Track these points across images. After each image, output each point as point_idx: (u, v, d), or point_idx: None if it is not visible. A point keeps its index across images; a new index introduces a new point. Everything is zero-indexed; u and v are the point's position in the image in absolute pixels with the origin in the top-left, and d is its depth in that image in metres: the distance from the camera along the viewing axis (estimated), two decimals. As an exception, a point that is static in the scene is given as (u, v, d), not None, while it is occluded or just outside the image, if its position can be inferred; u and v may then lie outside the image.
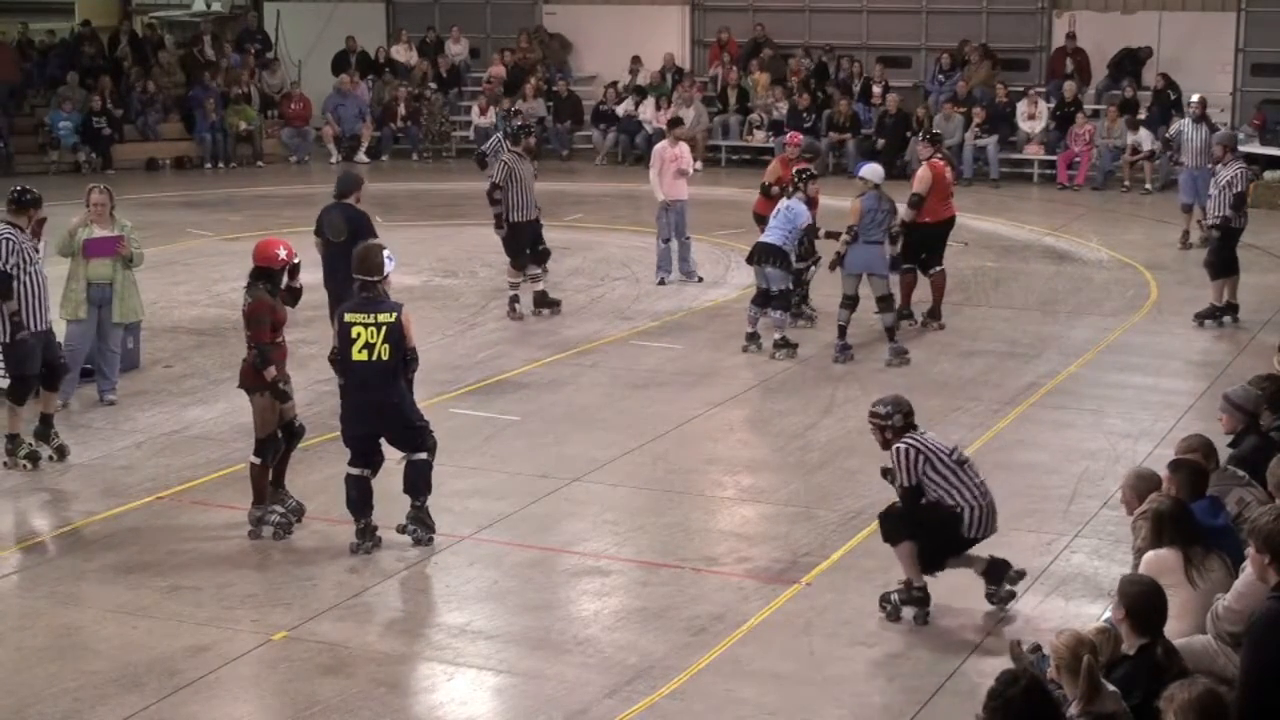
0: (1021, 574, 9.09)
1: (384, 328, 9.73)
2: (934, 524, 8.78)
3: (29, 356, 11.65)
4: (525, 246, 16.12)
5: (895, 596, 8.91)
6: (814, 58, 27.52)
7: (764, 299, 14.53)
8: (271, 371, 10.15)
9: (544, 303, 16.25)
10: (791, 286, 14.83)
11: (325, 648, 8.62)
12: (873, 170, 14.52)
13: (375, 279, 9.88)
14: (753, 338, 14.70)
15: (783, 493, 11.11)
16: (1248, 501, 8.02)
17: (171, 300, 17.03)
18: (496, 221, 16.00)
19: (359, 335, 9.75)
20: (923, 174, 15.38)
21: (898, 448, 8.79)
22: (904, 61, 27.79)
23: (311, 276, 11.43)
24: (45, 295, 11.63)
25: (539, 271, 16.29)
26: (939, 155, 15.58)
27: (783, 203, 14.63)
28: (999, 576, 8.96)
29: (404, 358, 9.79)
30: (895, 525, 8.87)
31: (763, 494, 11.18)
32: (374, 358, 9.72)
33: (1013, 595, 9.02)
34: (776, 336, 14.51)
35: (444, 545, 10.05)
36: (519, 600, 9.31)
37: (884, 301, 14.20)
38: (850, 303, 14.26)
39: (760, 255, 14.43)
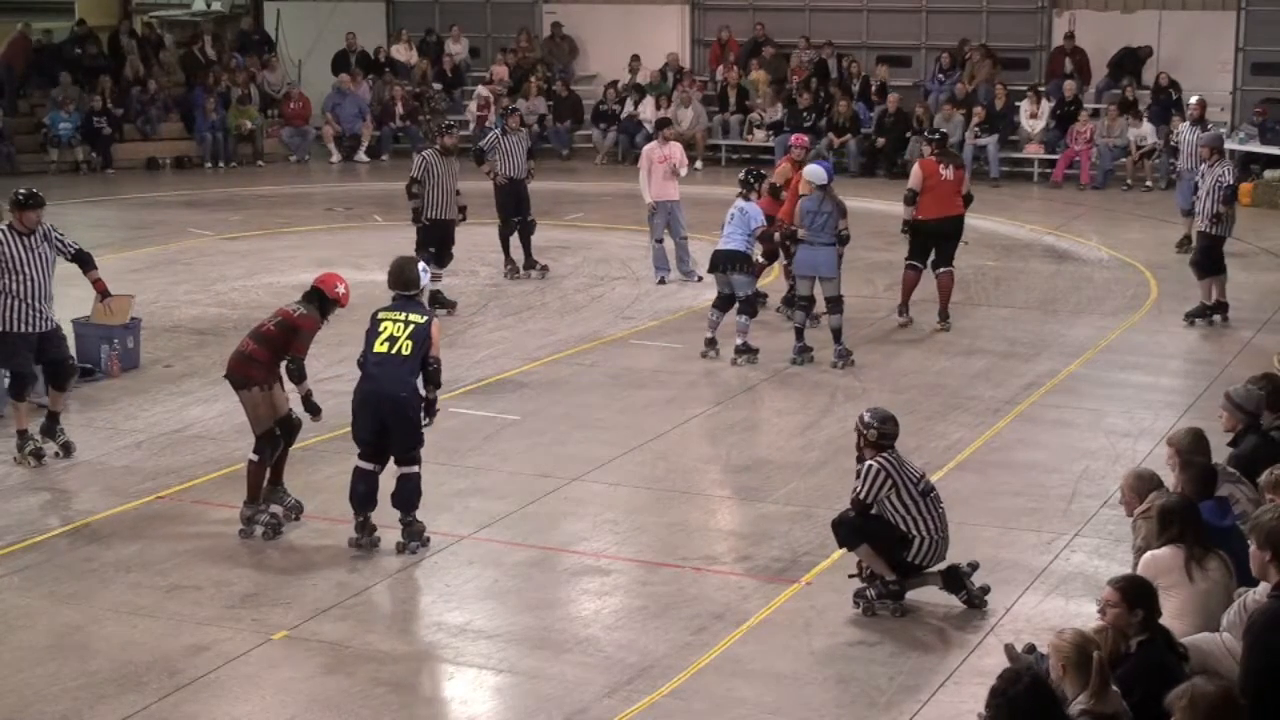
0: (975, 565, 9.14)
1: (411, 325, 9.81)
2: (883, 538, 8.88)
3: (15, 353, 11.65)
4: (432, 245, 16.34)
5: (870, 593, 8.98)
6: (808, 59, 27.46)
7: (725, 304, 14.43)
8: (306, 386, 10.25)
9: (441, 303, 16.31)
10: (758, 291, 14.83)
11: (325, 647, 8.62)
12: (813, 171, 14.36)
13: (412, 293, 10.04)
14: (711, 343, 14.54)
15: (783, 492, 11.10)
16: (1237, 499, 8.03)
17: (171, 300, 17.02)
18: (414, 215, 16.45)
19: (385, 329, 9.85)
20: (914, 171, 15.47)
21: (870, 464, 8.89)
22: (904, 61, 27.79)
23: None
24: (42, 296, 11.58)
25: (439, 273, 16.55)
26: (935, 154, 15.51)
27: (735, 205, 14.43)
28: (959, 583, 8.99)
29: (424, 364, 9.79)
30: (848, 532, 8.97)
31: (763, 493, 11.18)
32: (394, 351, 9.77)
33: (986, 590, 9.04)
34: (738, 342, 14.33)
35: (444, 545, 10.04)
36: (519, 599, 9.31)
37: (833, 303, 14.12)
38: (805, 303, 14.21)
39: (723, 263, 14.28)
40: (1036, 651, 7.10)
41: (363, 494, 9.94)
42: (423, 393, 9.91)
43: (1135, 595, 6.56)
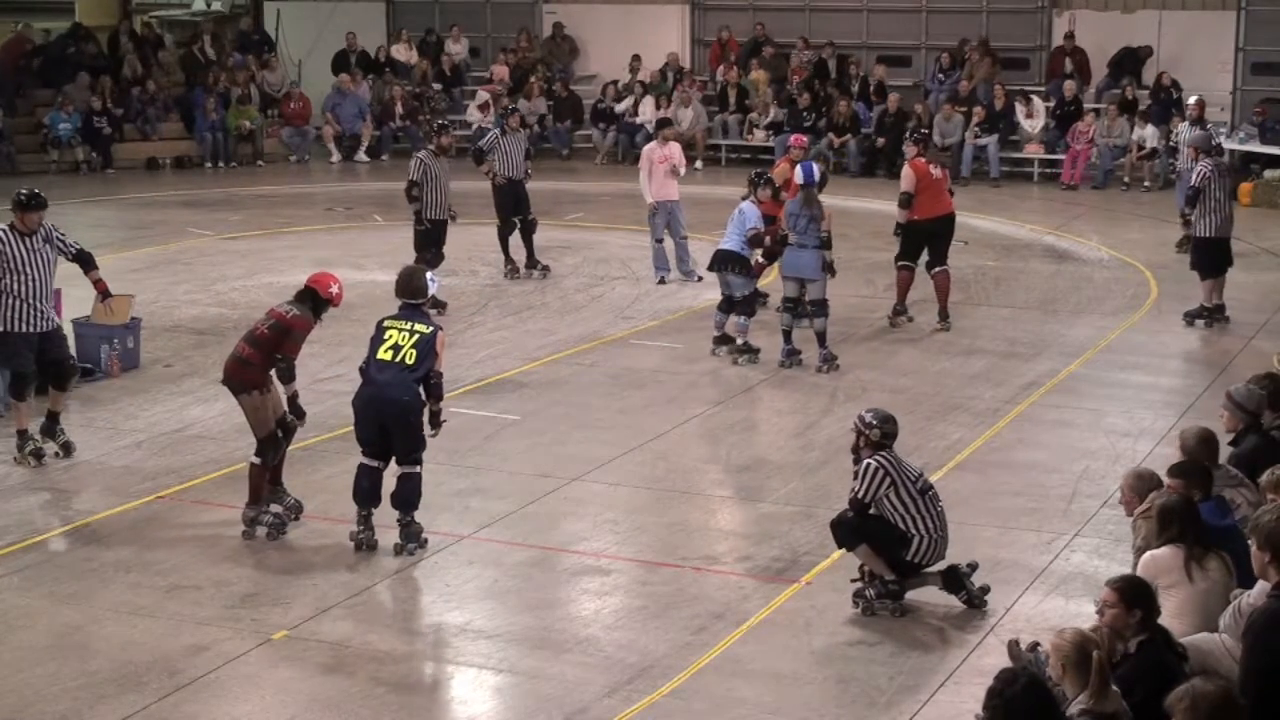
0: (974, 566, 9.14)
1: (417, 335, 9.81)
2: (882, 538, 8.88)
3: (15, 353, 11.66)
4: (433, 247, 16.47)
5: (870, 592, 8.98)
6: (808, 59, 27.44)
7: (729, 305, 14.44)
8: (294, 387, 10.24)
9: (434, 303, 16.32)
10: (757, 291, 14.80)
11: (325, 647, 8.62)
12: (795, 172, 14.40)
13: (419, 302, 10.06)
14: (720, 341, 14.56)
15: (783, 492, 11.10)
16: (1239, 503, 8.04)
17: (171, 299, 17.02)
18: (417, 218, 16.52)
19: (390, 337, 9.85)
20: (906, 173, 15.40)
21: (868, 463, 8.88)
22: (904, 61, 27.80)
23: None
24: (43, 296, 11.59)
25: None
26: (922, 154, 15.50)
27: (738, 206, 14.45)
28: (959, 583, 9.00)
29: (426, 377, 9.78)
30: (847, 532, 8.97)
31: (763, 493, 11.18)
32: (397, 359, 9.76)
33: (986, 590, 9.04)
34: (739, 342, 14.36)
35: (444, 544, 10.04)
36: (519, 599, 9.31)
37: (818, 306, 14.06)
38: (790, 305, 14.17)
39: (720, 263, 14.31)
40: (1039, 649, 7.09)
41: (366, 490, 9.94)
42: (424, 401, 9.90)
43: (1133, 595, 6.56)
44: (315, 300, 10.35)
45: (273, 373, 10.26)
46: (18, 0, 30.45)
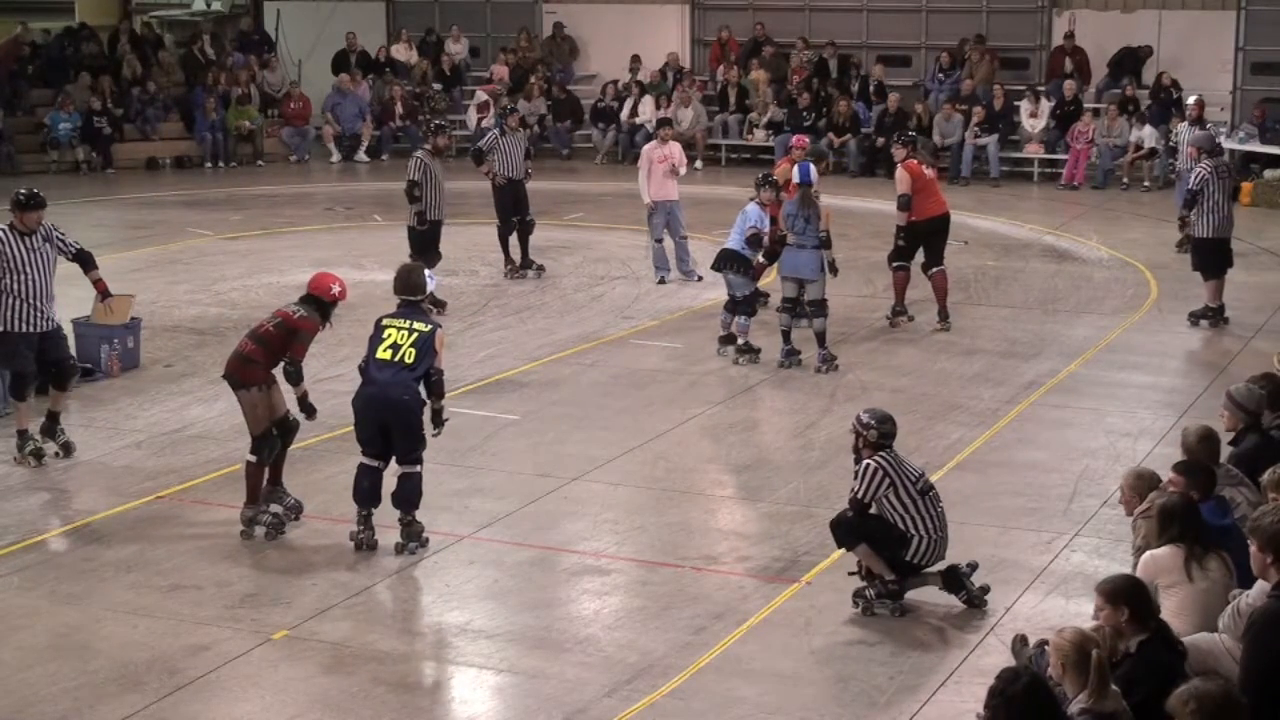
0: (974, 566, 9.15)
1: (415, 334, 9.81)
2: (881, 538, 8.88)
3: (15, 354, 11.66)
4: (435, 244, 16.50)
5: (869, 592, 8.98)
6: (808, 59, 27.43)
7: (733, 304, 14.44)
8: (303, 388, 10.24)
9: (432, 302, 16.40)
10: (758, 290, 14.80)
11: (325, 647, 8.62)
12: (794, 172, 14.44)
13: (418, 298, 10.07)
14: (725, 340, 14.59)
15: (783, 491, 11.10)
16: (1238, 502, 8.04)
17: (172, 299, 17.02)
18: (419, 219, 16.46)
19: (389, 335, 9.85)
20: (900, 175, 15.37)
21: (867, 463, 8.88)
22: (904, 61, 27.80)
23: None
24: (43, 297, 11.59)
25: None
26: (913, 155, 15.49)
27: (745, 207, 14.49)
28: (959, 583, 8.99)
29: (426, 375, 9.79)
30: (846, 532, 8.97)
31: (763, 493, 11.17)
32: (397, 358, 9.76)
33: (986, 590, 9.04)
34: (739, 342, 14.39)
35: (443, 544, 10.04)
36: (519, 599, 9.31)
37: (816, 306, 14.05)
38: (788, 305, 14.16)
39: (721, 262, 14.34)
40: (1043, 647, 7.09)
41: (366, 490, 9.94)
42: (424, 400, 9.90)
43: (1118, 594, 6.56)
44: (320, 304, 10.36)
45: (278, 373, 10.27)
46: (18, 0, 30.43)
